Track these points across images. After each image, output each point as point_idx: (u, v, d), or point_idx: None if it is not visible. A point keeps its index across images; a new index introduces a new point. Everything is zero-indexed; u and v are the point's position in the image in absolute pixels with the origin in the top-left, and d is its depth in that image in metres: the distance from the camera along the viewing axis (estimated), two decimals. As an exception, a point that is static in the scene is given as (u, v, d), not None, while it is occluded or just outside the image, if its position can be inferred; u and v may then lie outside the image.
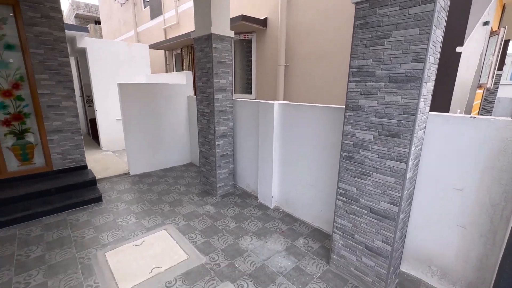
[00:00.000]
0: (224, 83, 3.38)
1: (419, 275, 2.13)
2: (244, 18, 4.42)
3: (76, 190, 3.45)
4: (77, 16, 19.32)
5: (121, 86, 4.07)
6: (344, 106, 2.23)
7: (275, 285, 2.03)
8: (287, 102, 3.04)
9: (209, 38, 3.16)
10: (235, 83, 5.40)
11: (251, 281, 2.07)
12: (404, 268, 2.20)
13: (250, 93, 5.13)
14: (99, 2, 12.87)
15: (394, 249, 1.83)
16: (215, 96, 3.31)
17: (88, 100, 6.82)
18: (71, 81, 3.59)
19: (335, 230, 2.16)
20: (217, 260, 2.31)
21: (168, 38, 6.97)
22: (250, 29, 5.05)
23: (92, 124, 6.88)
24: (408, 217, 2.04)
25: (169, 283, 2.03)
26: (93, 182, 3.62)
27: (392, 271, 1.92)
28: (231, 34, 3.30)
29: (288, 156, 3.06)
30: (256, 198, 3.57)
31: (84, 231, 2.72)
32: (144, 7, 8.98)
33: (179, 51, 7.35)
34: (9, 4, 3.04)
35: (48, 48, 3.35)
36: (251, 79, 5.12)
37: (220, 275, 2.13)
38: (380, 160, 1.76)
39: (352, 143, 1.90)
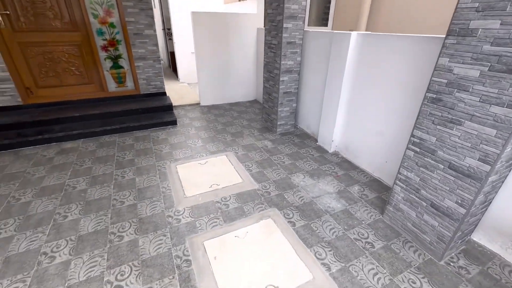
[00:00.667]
0: (296, 9, 2.99)
1: (495, 248, 1.82)
2: None
3: (157, 112, 3.99)
4: None
5: (194, 14, 4.09)
6: (443, 36, 1.70)
7: (320, 221, 2.07)
8: (368, 32, 2.53)
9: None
10: (310, 13, 4.76)
11: (297, 212, 2.16)
12: (477, 237, 1.90)
13: (326, 25, 4.48)
14: None
15: (470, 213, 1.55)
16: (284, 25, 3.01)
17: (169, 33, 7.25)
18: (151, 9, 3.78)
19: (397, 181, 1.94)
20: (268, 189, 2.45)
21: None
22: None
23: (172, 57, 7.45)
24: (503, 182, 1.64)
25: (224, 198, 2.31)
26: (170, 107, 4.10)
27: (459, 236, 1.68)
28: None
29: (358, 98, 2.71)
30: (315, 140, 3.46)
31: (162, 146, 3.22)
32: None
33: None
34: None
35: (131, -27, 3.49)
36: (328, 7, 4.40)
37: (269, 202, 2.28)
38: (481, 105, 1.36)
39: (445, 81, 1.50)
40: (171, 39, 7.24)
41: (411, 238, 1.91)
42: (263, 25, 4.63)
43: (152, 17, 3.82)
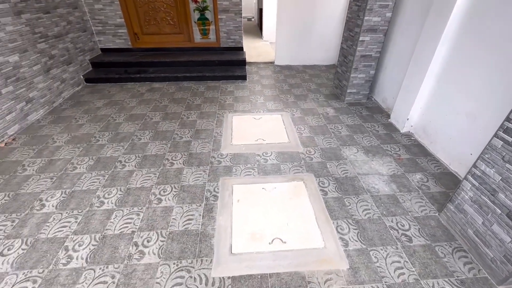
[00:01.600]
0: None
1: None
2: None
3: (231, 66, 4.18)
4: None
5: (281, -37, 3.83)
6: None
7: (357, 199, 1.89)
8: (496, -26, 1.82)
9: None
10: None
11: (334, 183, 2.02)
12: None
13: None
14: None
15: None
16: (377, -31, 2.48)
17: (261, -13, 7.10)
18: (239, -43, 3.73)
19: (469, 176, 1.53)
20: (312, 154, 2.35)
21: None
22: None
23: (260, 14, 7.38)
24: None
25: (265, 153, 2.36)
26: (243, 62, 4.22)
27: (540, 263, 1.25)
28: None
29: (455, 67, 2.11)
30: (388, 116, 2.98)
31: (226, 98, 3.43)
32: None
33: None
34: None
35: None
36: None
37: (308, 167, 2.20)
38: None
39: None
40: (261, -6, 7.12)
41: (468, 247, 1.54)
42: (359, -26, 3.93)
43: (239, -34, 3.79)
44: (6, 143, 2.46)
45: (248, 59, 4.82)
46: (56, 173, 2.10)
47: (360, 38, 2.86)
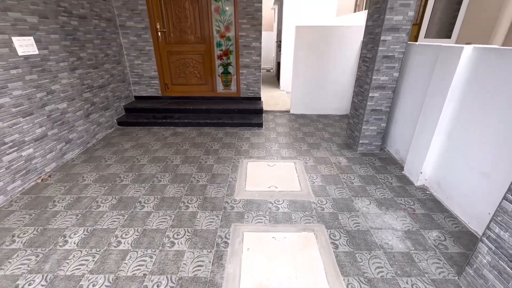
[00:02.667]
0: (400, 20, 2.71)
1: None
2: None
3: (249, 114, 4.50)
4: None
5: (298, 28, 4.36)
6: None
7: (369, 254, 1.85)
8: (491, 46, 2.01)
9: (393, -41, 2.52)
10: (430, 23, 4.10)
11: (345, 236, 2.01)
12: None
13: (449, 36, 3.73)
14: None
15: None
16: (382, 38, 2.78)
17: (279, 45, 7.90)
18: (260, 24, 4.31)
19: (484, 239, 1.49)
20: (323, 204, 2.37)
21: (365, -28, 6.16)
22: None
23: (278, 67, 8.08)
24: None
25: (277, 201, 2.42)
26: (260, 111, 4.53)
27: None
28: None
29: (462, 125, 2.19)
30: (402, 168, 2.99)
31: (243, 144, 3.64)
32: None
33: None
34: (230, -39, 3.94)
35: (249, -5, 4.13)
36: (456, 17, 3.65)
37: (319, 217, 2.21)
38: None
39: None
40: (280, 50, 7.89)
41: (492, 319, 1.42)
42: (368, 38, 4.35)
43: (260, 31, 4.36)
44: (42, 179, 2.72)
45: (265, 108, 5.17)
46: (81, 210, 2.26)
47: (370, 94, 3.07)
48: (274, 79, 8.78)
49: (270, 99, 5.99)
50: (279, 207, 2.33)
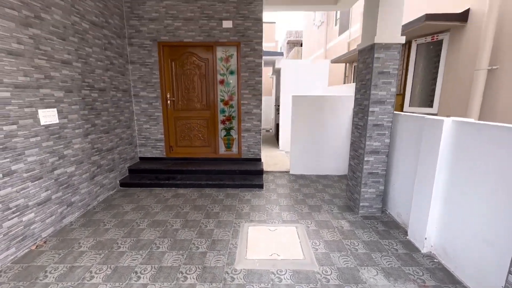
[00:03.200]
0: (384, 95, 3.06)
1: None
2: (429, 17, 3.64)
3: (250, 175, 4.61)
4: (288, 42, 24.29)
5: (294, 98, 4.84)
6: None
7: (382, 336, 1.69)
8: (468, 119, 2.25)
9: (372, 48, 3.01)
10: (412, 94, 4.58)
11: (354, 314, 1.86)
12: None
13: (431, 106, 4.14)
14: (303, 28, 15.44)
15: None
16: (370, 109, 3.10)
17: (278, 109, 8.57)
18: (260, 94, 4.81)
19: (500, 318, 1.41)
20: (328, 275, 2.26)
21: (349, 50, 7.15)
22: (440, 28, 4.05)
23: (277, 128, 8.58)
24: None
25: (279, 271, 2.31)
26: (261, 172, 4.65)
27: None
28: (400, 40, 2.92)
29: (457, 192, 2.26)
30: (405, 232, 2.93)
31: (244, 206, 3.64)
32: (335, 25, 9.71)
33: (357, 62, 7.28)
34: (235, 45, 4.64)
35: (251, 71, 4.72)
36: (434, 89, 4.12)
37: (325, 290, 2.09)
38: None
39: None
40: (279, 113, 8.52)
41: None
42: (359, 105, 4.80)
43: (260, 100, 4.82)
44: (37, 246, 2.64)
45: (265, 168, 5.31)
46: (73, 283, 2.14)
47: (365, 158, 3.23)
48: (273, 139, 9.20)
49: (270, 159, 6.19)
50: (281, 278, 2.22)
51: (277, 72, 8.09)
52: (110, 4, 4.08)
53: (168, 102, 4.89)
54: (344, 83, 8.14)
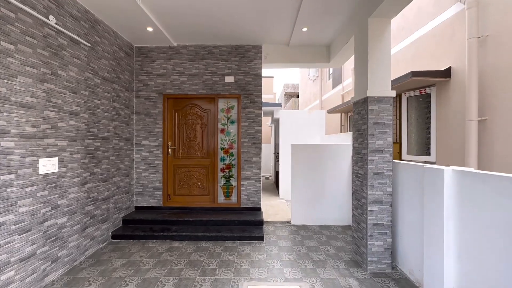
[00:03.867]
0: (381, 144, 3.13)
1: None
2: (415, 74, 3.98)
3: (249, 226, 4.39)
4: (286, 94, 25.92)
5: (293, 146, 4.93)
6: None
7: None
8: (468, 169, 2.25)
9: (365, 101, 3.19)
10: (408, 142, 4.69)
11: None
12: None
13: (428, 154, 4.19)
14: (299, 81, 16.65)
15: None
16: (369, 158, 3.13)
17: (277, 156, 8.66)
18: (260, 142, 4.91)
19: None
20: None
21: (344, 102, 7.59)
22: (426, 83, 4.39)
23: (277, 176, 8.53)
24: None
25: None
26: (261, 223, 4.45)
27: None
28: (391, 94, 3.12)
29: (471, 246, 2.13)
30: (421, 293, 2.66)
31: (243, 261, 3.37)
32: (329, 79, 10.50)
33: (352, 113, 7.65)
34: (236, 97, 4.93)
35: (251, 121, 4.91)
36: (429, 138, 4.23)
37: None
38: None
39: None
40: (278, 161, 8.58)
41: None
42: (357, 154, 4.86)
43: (260, 148, 4.90)
44: (10, 311, 2.35)
45: (265, 218, 5.10)
46: None
47: (369, 208, 3.13)
48: (273, 186, 9.06)
49: (270, 208, 5.99)
50: None
51: (275, 122, 8.41)
52: (123, 63, 4.47)
53: (169, 150, 4.96)
54: (341, 131, 8.42)
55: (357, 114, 3.47)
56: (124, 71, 4.53)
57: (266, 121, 12.15)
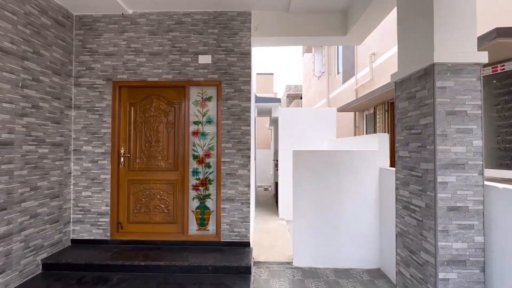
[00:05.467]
0: (463, 152, 1.66)
1: None
2: (502, 33, 2.43)
3: (230, 274, 2.91)
4: (288, 96, 24.52)
5: (296, 154, 3.47)
6: None
7: None
8: None
9: (427, 73, 1.74)
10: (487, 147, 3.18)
11: None
12: None
13: (511, 167, 2.70)
14: (302, 79, 15.24)
15: None
16: (439, 179, 1.66)
17: (276, 164, 7.19)
18: (249, 149, 3.46)
19: None
20: None
21: (358, 97, 6.16)
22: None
23: (277, 187, 7.05)
24: None
25: None
26: (248, 270, 2.96)
27: None
28: (481, 57, 1.66)
29: None
30: None
31: None
32: (337, 74, 9.05)
33: (372, 111, 6.17)
34: (214, 85, 3.49)
35: (235, 118, 3.47)
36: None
37: None
38: None
39: None
40: (277, 170, 7.10)
41: None
42: (389, 164, 3.38)
43: (249, 157, 3.45)
44: None
45: (257, 254, 3.61)
46: None
47: (440, 276, 1.64)
48: (273, 200, 7.59)
49: (266, 236, 4.50)
50: None
51: (274, 122, 6.98)
52: (50, 34, 3.08)
53: (122, 159, 3.53)
54: (355, 135, 6.96)
55: (406, 101, 2.01)
56: (52, 46, 3.14)
57: (265, 123, 10.72)
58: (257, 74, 10.92)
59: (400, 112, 2.10)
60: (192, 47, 3.49)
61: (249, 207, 3.43)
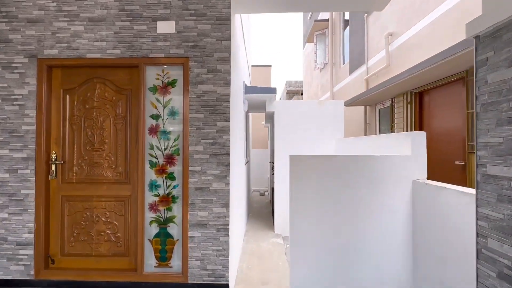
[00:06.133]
0: None
1: None
2: None
3: None
4: (288, 92, 23.44)
5: (293, 159, 2.46)
6: None
7: None
8: None
9: None
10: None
11: None
12: None
13: None
14: (303, 73, 14.21)
15: None
16: None
17: (273, 167, 6.21)
18: (228, 154, 2.46)
19: None
20: None
21: (369, 88, 5.15)
22: None
23: (273, 193, 6.07)
24: None
25: None
26: (221, 333, 1.98)
27: None
28: None
29: None
30: None
31: None
32: (343, 64, 8.01)
33: (388, 104, 5.16)
34: (179, 64, 2.49)
35: (209, 111, 2.47)
36: None
37: None
38: None
39: None
40: (273, 173, 6.12)
41: None
42: (425, 175, 2.38)
43: (227, 165, 2.46)
44: None
45: (241, 298, 2.63)
46: None
47: None
48: (269, 209, 6.61)
49: (257, 261, 3.52)
50: None
51: (270, 119, 5.98)
52: None
53: (53, 167, 2.54)
54: (365, 133, 5.95)
55: (508, 67, 1.01)
56: None
57: (261, 120, 9.71)
58: (252, 66, 9.89)
59: (491, 91, 1.10)
60: (148, 10, 2.49)
61: (228, 235, 2.44)
